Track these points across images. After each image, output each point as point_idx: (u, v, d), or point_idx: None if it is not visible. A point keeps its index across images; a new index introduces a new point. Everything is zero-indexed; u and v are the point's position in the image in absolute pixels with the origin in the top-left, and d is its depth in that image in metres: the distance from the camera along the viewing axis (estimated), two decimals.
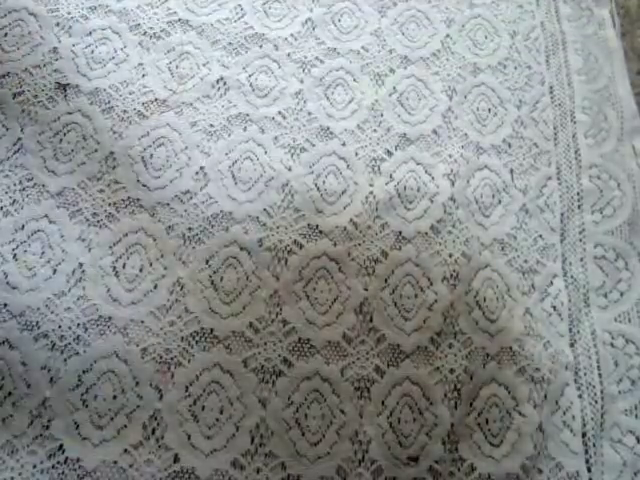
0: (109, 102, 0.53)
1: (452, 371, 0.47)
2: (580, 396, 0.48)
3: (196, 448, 0.42)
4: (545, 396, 0.47)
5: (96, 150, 0.51)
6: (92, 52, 0.55)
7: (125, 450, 0.42)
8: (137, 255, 0.47)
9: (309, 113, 0.55)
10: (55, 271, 0.46)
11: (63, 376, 0.43)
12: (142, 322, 0.45)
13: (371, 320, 0.48)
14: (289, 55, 0.58)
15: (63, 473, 0.41)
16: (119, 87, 0.54)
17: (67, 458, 0.41)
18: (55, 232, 0.48)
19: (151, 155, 0.52)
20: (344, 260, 0.49)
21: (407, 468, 0.44)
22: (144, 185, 0.50)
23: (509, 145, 0.57)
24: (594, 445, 0.46)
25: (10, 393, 0.42)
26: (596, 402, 0.48)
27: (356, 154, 0.54)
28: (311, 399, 0.45)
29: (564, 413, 0.47)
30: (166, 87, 0.54)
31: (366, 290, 0.49)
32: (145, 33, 0.56)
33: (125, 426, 0.42)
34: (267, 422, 0.44)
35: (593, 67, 0.62)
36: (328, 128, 0.54)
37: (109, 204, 0.49)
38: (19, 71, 0.53)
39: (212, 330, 0.46)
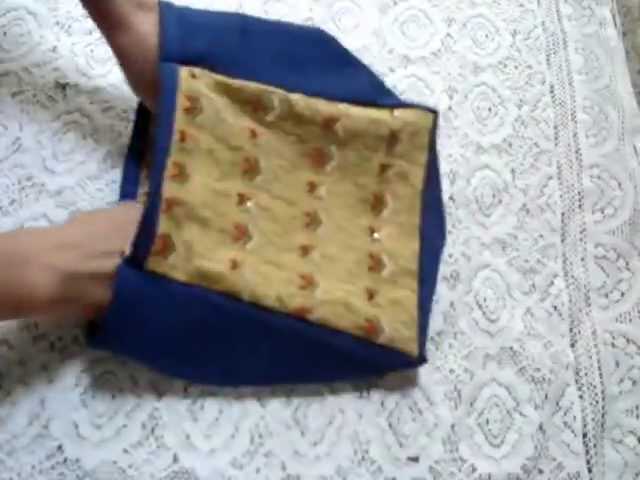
0: (109, 101, 0.53)
1: (452, 371, 0.47)
2: (581, 396, 0.48)
3: (195, 448, 0.42)
4: (546, 396, 0.47)
5: (95, 149, 0.51)
6: (92, 51, 0.55)
7: (124, 450, 0.42)
8: None
9: None
10: None
11: (62, 376, 0.43)
12: None
13: None
14: None
15: (62, 473, 0.41)
16: (119, 86, 0.54)
17: (66, 458, 0.41)
18: None
19: None
20: None
21: (407, 468, 0.43)
22: None
23: (510, 145, 0.57)
24: (595, 445, 0.46)
25: (9, 393, 0.42)
26: (597, 402, 0.47)
27: None
28: (311, 399, 0.45)
29: (565, 413, 0.47)
30: None
31: None
32: None
33: (124, 426, 0.42)
34: (266, 422, 0.44)
35: (594, 66, 0.62)
36: None
37: (107, 203, 0.49)
38: (18, 70, 0.53)
39: None
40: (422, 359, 0.45)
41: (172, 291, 0.41)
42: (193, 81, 0.45)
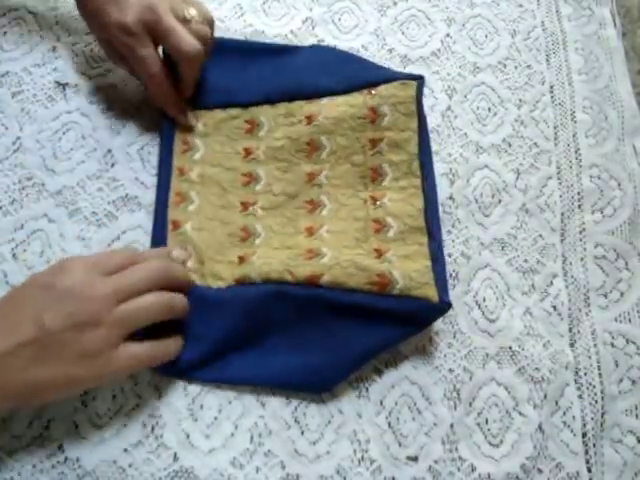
0: (108, 101, 0.53)
1: (451, 371, 0.47)
2: (580, 396, 0.48)
3: (195, 447, 0.42)
4: (545, 396, 0.47)
5: (95, 149, 0.51)
6: (92, 51, 0.55)
7: (124, 449, 0.42)
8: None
9: None
10: None
11: None
12: None
13: None
14: None
15: (63, 473, 0.41)
16: (119, 86, 0.54)
17: (67, 458, 0.41)
18: (54, 231, 0.48)
19: (149, 153, 0.52)
20: None
21: (406, 468, 0.44)
22: (142, 183, 0.50)
23: (509, 145, 0.57)
24: (594, 445, 0.46)
25: None
26: (596, 402, 0.47)
27: None
28: (310, 398, 0.45)
29: (564, 413, 0.47)
30: None
31: None
32: None
33: (125, 425, 0.42)
34: (266, 421, 0.44)
35: (594, 66, 0.62)
36: None
37: (108, 202, 0.49)
38: (18, 70, 0.53)
39: None
40: (447, 304, 0.44)
41: (195, 293, 0.44)
42: (188, 132, 0.52)
